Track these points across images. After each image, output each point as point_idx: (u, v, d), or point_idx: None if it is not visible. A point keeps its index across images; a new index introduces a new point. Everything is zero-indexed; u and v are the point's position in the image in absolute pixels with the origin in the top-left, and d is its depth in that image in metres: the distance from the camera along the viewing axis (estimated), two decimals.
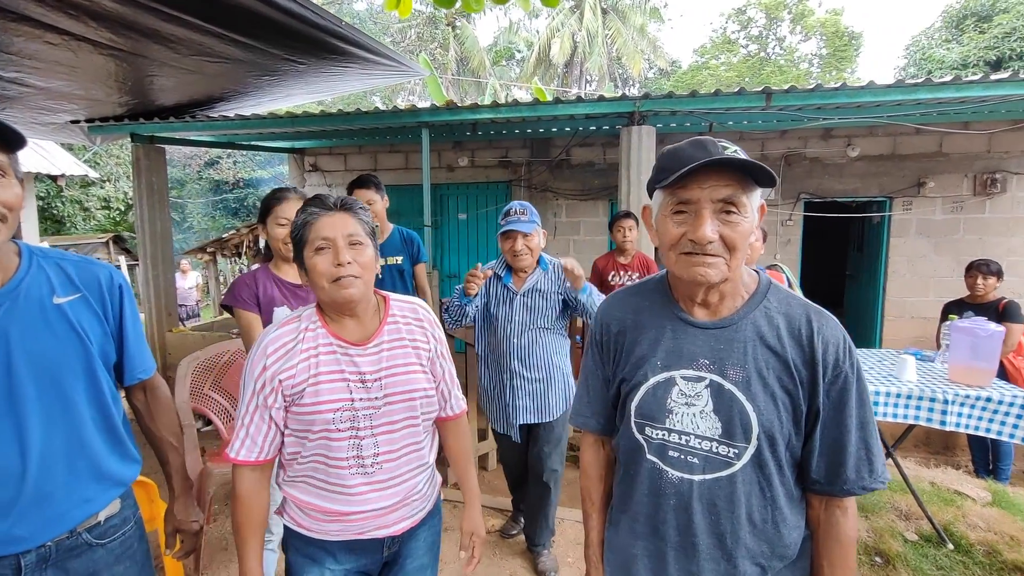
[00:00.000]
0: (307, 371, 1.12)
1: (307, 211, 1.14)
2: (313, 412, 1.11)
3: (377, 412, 1.15)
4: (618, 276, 3.76)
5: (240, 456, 1.14)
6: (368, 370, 1.15)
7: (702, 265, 0.92)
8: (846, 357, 0.93)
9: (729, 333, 0.98)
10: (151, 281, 5.22)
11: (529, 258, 2.28)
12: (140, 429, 1.31)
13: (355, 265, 1.11)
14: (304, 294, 1.86)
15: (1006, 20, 12.62)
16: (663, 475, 1.01)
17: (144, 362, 1.24)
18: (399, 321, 1.23)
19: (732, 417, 0.95)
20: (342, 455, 1.13)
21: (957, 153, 5.53)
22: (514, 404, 2.37)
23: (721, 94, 3.80)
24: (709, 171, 0.90)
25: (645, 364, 1.03)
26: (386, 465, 1.17)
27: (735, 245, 0.92)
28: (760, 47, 21.52)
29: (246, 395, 1.14)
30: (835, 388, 0.93)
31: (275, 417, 1.13)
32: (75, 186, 13.62)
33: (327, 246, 1.11)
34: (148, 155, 5.13)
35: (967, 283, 3.63)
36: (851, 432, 0.93)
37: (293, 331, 1.15)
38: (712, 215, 0.91)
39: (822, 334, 0.94)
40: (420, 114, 4.42)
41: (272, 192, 1.93)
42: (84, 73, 3.49)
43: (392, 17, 19.52)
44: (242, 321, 1.79)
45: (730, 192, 0.90)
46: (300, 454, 1.16)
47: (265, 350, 1.13)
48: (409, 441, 1.21)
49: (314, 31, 3.16)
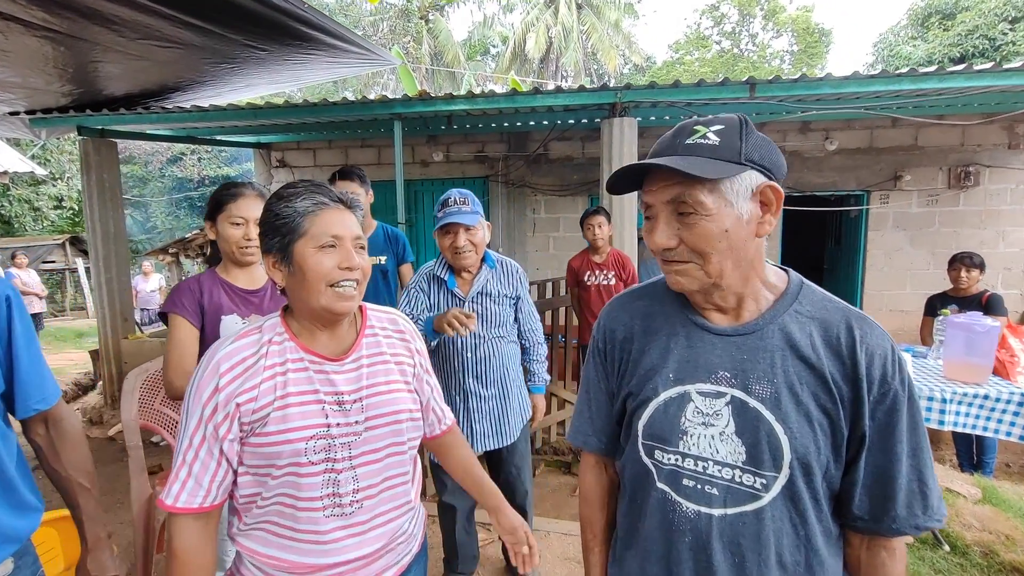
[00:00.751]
0: (272, 392, 0.93)
1: (313, 199, 0.96)
2: (279, 442, 0.91)
3: (357, 439, 0.97)
4: (594, 276, 3.61)
5: (180, 502, 0.91)
6: (346, 389, 0.97)
7: (672, 273, 0.85)
8: (895, 372, 0.79)
9: (753, 341, 0.84)
10: (104, 284, 4.89)
11: (473, 255, 1.95)
12: (43, 469, 1.10)
13: (359, 272, 0.97)
14: (257, 301, 1.63)
15: (968, 18, 12.96)
16: (676, 507, 0.86)
17: (42, 390, 1.03)
18: (378, 333, 1.07)
19: (758, 440, 0.80)
20: (315, 494, 0.93)
21: (932, 146, 5.58)
22: (471, 430, 2.04)
23: (705, 84, 3.69)
24: (658, 170, 0.81)
25: (655, 377, 0.89)
26: (367, 503, 0.98)
27: (700, 248, 0.81)
28: (733, 43, 21.76)
29: (189, 425, 0.92)
30: (882, 408, 0.79)
31: (227, 451, 0.92)
32: (23, 184, 12.90)
33: (335, 244, 0.95)
34: (98, 150, 4.79)
35: (951, 276, 3.60)
36: (901, 461, 0.79)
37: (253, 344, 0.95)
38: (669, 219, 0.82)
39: (866, 344, 0.79)
40: (392, 105, 4.20)
41: (224, 186, 1.69)
42: (17, 58, 3.18)
43: (363, 10, 19.09)
44: (176, 333, 1.54)
45: (677, 191, 0.80)
46: (260, 496, 0.95)
47: (217, 367, 0.92)
48: (394, 472, 1.03)
49: (274, 13, 2.92)
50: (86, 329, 10.10)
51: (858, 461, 0.80)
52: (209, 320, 1.56)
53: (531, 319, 2.20)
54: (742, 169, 0.78)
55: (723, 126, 0.79)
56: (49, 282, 12.42)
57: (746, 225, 0.80)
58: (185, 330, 1.54)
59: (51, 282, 12.63)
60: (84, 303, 12.56)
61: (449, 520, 2.16)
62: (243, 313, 1.60)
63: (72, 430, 1.11)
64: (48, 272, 12.57)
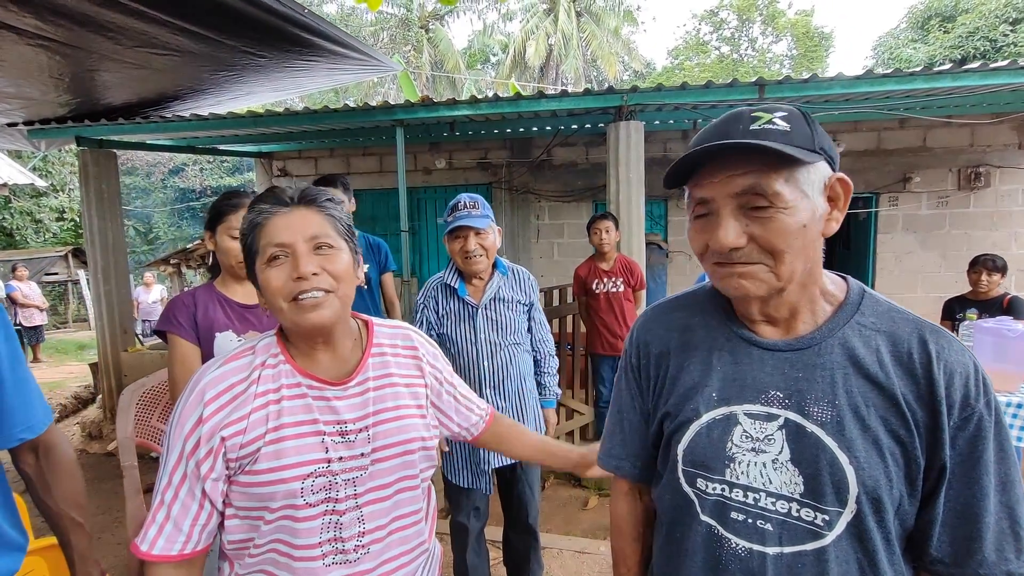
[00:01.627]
0: (263, 423, 0.82)
1: (256, 209, 0.85)
2: (272, 482, 0.81)
3: (363, 474, 0.86)
4: (602, 284, 3.52)
5: (156, 549, 0.80)
6: (350, 417, 0.86)
7: (735, 276, 0.73)
8: (979, 393, 0.69)
9: (809, 357, 0.74)
10: (103, 296, 4.81)
11: (484, 260, 1.90)
12: (33, 501, 1.01)
13: (324, 276, 0.83)
14: (255, 318, 1.54)
15: (969, 20, 12.93)
16: (724, 544, 0.76)
17: (29, 417, 0.95)
18: (386, 352, 0.95)
19: (819, 471, 0.71)
20: (314, 540, 0.83)
21: (941, 147, 5.49)
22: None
23: (713, 86, 3.61)
24: (723, 158, 0.70)
25: (696, 396, 0.79)
26: (374, 548, 0.87)
27: (774, 247, 0.70)
28: (732, 48, 21.78)
29: (169, 461, 0.82)
30: (964, 435, 0.69)
31: (209, 492, 0.81)
32: (24, 196, 12.88)
33: (282, 254, 0.83)
34: (97, 160, 4.72)
35: (971, 279, 3.50)
36: (988, 496, 0.68)
37: (244, 368, 0.85)
38: (735, 214, 0.71)
39: (944, 361, 0.70)
40: (394, 111, 4.14)
41: (224, 195, 1.61)
42: (11, 67, 3.12)
43: (364, 19, 19.18)
44: (176, 352, 1.45)
45: (751, 181, 0.69)
46: (252, 543, 0.84)
47: (202, 395, 0.82)
48: (405, 511, 0.92)
49: (271, 18, 2.86)
50: (87, 341, 10.02)
51: (937, 495, 0.70)
52: (203, 337, 1.46)
53: (543, 329, 2.13)
54: (817, 158, 0.70)
55: (786, 113, 0.70)
56: (52, 294, 12.37)
57: (818, 222, 0.71)
58: (185, 348, 1.45)
59: (54, 294, 12.58)
60: (86, 315, 12.50)
61: (461, 541, 2.07)
62: (239, 330, 1.50)
63: (65, 459, 1.02)
64: (51, 284, 12.52)
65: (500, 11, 21.47)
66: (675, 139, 5.95)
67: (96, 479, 3.95)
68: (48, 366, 8.30)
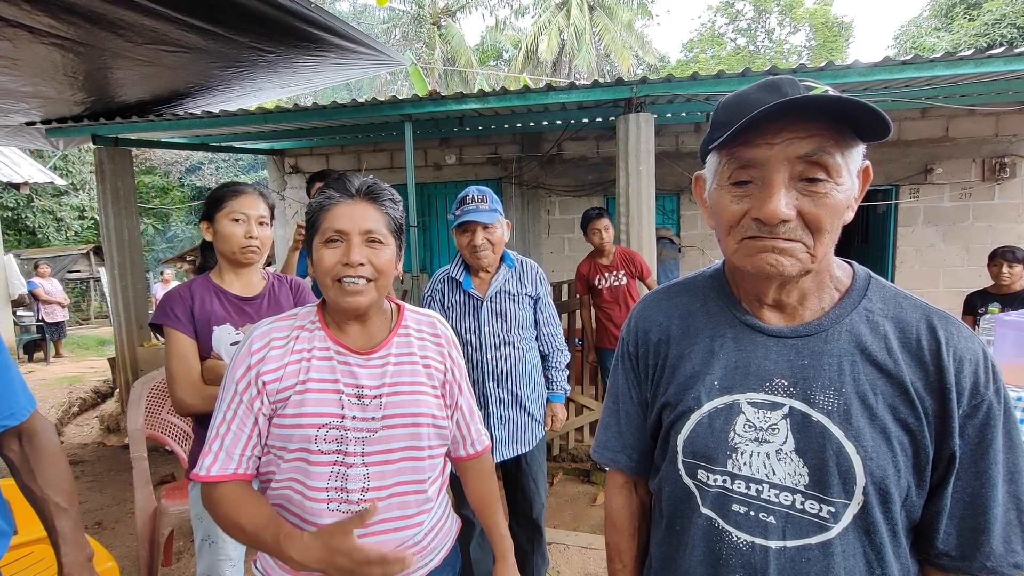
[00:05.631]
0: (296, 376, 0.94)
1: (325, 194, 0.97)
2: (293, 426, 0.92)
3: (372, 436, 0.95)
4: (604, 279, 3.49)
5: (213, 471, 0.92)
6: (368, 384, 0.97)
7: (772, 252, 0.67)
8: (989, 380, 0.66)
9: (816, 344, 0.71)
10: (119, 292, 4.89)
11: (491, 255, 1.90)
12: (18, 487, 1.02)
13: (368, 267, 0.94)
14: (253, 310, 1.53)
15: (995, 7, 12.54)
16: (725, 537, 0.74)
17: (12, 403, 0.96)
18: (411, 334, 1.06)
19: (825, 461, 0.68)
20: (321, 484, 0.92)
21: (964, 137, 5.33)
22: (490, 437, 1.98)
23: (725, 76, 3.54)
24: (784, 119, 0.64)
25: (697, 384, 0.77)
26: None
27: (821, 226, 0.65)
28: (749, 40, 21.43)
29: (224, 401, 0.95)
30: (974, 424, 0.66)
31: (260, 425, 0.94)
32: (46, 195, 13.16)
33: (339, 239, 0.95)
34: (113, 158, 4.79)
35: (991, 272, 3.39)
36: (996, 486, 0.66)
37: (287, 328, 0.99)
38: (788, 183, 0.65)
39: (953, 347, 0.67)
40: (402, 106, 4.13)
41: (223, 184, 1.61)
42: (27, 66, 3.17)
43: (377, 17, 19.23)
44: (173, 345, 1.43)
45: (814, 146, 0.64)
46: (274, 476, 0.96)
47: (250, 347, 0.96)
48: (408, 479, 0.98)
49: (280, 14, 2.86)
50: (108, 337, 10.22)
51: (945, 486, 0.67)
52: (200, 330, 1.45)
53: (551, 323, 2.11)
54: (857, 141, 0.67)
55: (828, 87, 0.66)
56: (74, 291, 12.64)
57: (853, 206, 0.68)
58: (183, 342, 1.43)
59: (76, 291, 12.85)
60: (108, 312, 12.76)
61: (464, 534, 2.06)
62: (237, 323, 1.49)
63: (48, 445, 1.03)
64: (73, 282, 12.80)
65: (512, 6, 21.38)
66: (688, 132, 5.86)
67: (113, 471, 4.03)
68: (70, 361, 8.49)
